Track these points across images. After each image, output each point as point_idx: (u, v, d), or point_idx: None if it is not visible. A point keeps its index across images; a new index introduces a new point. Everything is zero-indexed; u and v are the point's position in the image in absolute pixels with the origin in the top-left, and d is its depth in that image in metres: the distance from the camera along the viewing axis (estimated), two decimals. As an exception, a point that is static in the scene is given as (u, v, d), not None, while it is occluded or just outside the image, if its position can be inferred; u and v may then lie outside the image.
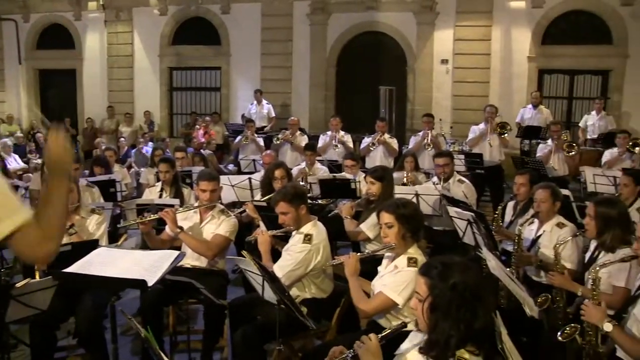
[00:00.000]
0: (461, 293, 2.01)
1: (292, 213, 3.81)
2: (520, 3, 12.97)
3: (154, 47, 15.35)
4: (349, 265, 3.37)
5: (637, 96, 12.33)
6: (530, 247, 4.37)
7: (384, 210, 3.32)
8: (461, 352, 1.98)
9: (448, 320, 2.00)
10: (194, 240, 4.25)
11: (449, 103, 13.41)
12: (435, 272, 2.09)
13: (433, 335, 2.05)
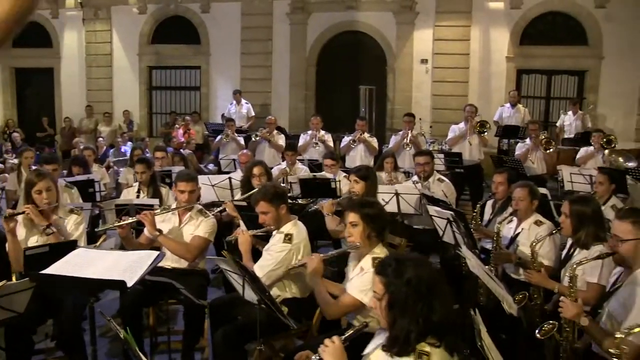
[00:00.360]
0: (416, 288, 2.05)
1: (273, 212, 3.81)
2: (498, 4, 13.11)
3: (133, 46, 15.20)
4: (312, 266, 3.37)
5: (611, 96, 12.59)
6: (508, 245, 4.42)
7: (349, 209, 3.33)
8: (422, 346, 2.02)
9: (406, 316, 2.04)
10: (173, 243, 4.23)
11: (428, 102, 13.51)
12: (389, 270, 2.12)
13: (393, 331, 2.08)
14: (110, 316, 2.65)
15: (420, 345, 2.02)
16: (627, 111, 12.56)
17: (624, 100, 12.53)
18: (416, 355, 2.00)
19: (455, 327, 2.13)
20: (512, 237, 4.44)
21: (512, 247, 4.40)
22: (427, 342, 2.03)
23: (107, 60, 15.40)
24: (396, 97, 13.65)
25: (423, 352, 2.00)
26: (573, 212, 3.68)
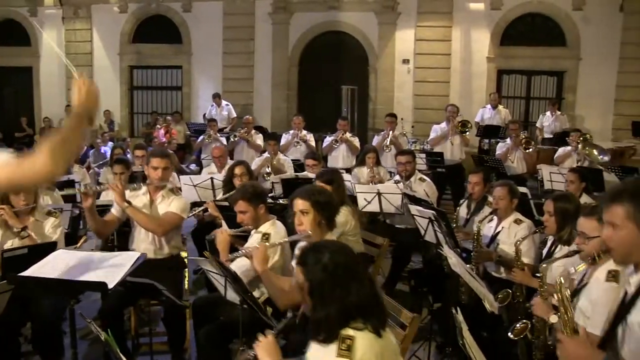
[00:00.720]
0: (332, 273, 2.10)
1: (251, 212, 3.79)
2: (479, 5, 13.24)
3: (114, 45, 15.07)
4: (258, 255, 3.30)
5: (589, 97, 12.81)
6: (489, 244, 4.48)
7: (299, 196, 3.30)
8: (346, 331, 2.04)
9: (325, 301, 2.08)
10: (143, 215, 4.12)
11: (410, 102, 13.58)
12: (307, 258, 2.18)
13: (314, 317, 2.12)
14: (90, 318, 2.63)
15: (345, 330, 2.04)
16: (604, 111, 12.77)
17: (601, 100, 12.74)
18: (340, 340, 2.02)
19: (379, 308, 2.16)
20: (492, 235, 4.50)
21: (492, 246, 4.45)
22: (351, 326, 2.05)
23: (88, 59, 15.23)
24: (378, 97, 13.71)
25: (347, 337, 2.02)
26: (557, 210, 3.73)
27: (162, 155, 4.32)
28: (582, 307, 2.93)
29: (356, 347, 2.01)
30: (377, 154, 7.39)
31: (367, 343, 2.04)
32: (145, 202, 4.29)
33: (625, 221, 2.04)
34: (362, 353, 2.01)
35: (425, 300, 5.20)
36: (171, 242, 4.28)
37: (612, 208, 2.08)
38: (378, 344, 2.07)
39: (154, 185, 4.26)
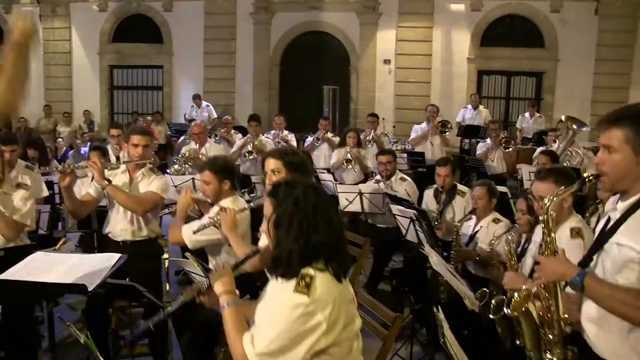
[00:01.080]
0: (302, 208, 2.06)
1: (214, 185, 3.73)
2: (460, 6, 13.36)
3: (94, 44, 14.90)
4: (227, 220, 3.23)
5: (567, 98, 13.05)
6: (468, 243, 4.53)
7: (271, 156, 3.26)
8: (306, 269, 2.02)
9: (290, 234, 2.04)
10: (122, 193, 4.02)
11: (391, 102, 13.65)
12: (279, 190, 2.14)
13: (276, 251, 2.08)
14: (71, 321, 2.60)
15: (305, 269, 2.02)
16: (582, 112, 12.90)
17: (578, 101, 12.95)
18: (299, 277, 2.00)
19: (343, 254, 2.14)
20: (471, 234, 4.55)
21: (471, 245, 4.50)
22: (313, 266, 2.03)
23: (66, 58, 15.05)
24: (359, 97, 13.76)
25: (307, 275, 2.00)
26: (530, 208, 3.79)
27: (143, 133, 4.21)
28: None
29: (315, 286, 1.98)
30: (358, 135, 7.41)
31: (326, 285, 2.02)
32: (125, 181, 4.17)
33: (623, 145, 2.02)
34: (320, 293, 1.98)
35: (407, 299, 5.24)
36: (149, 225, 4.18)
37: (611, 131, 2.05)
38: (337, 288, 2.05)
39: (133, 163, 4.14)
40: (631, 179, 2.05)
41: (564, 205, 2.93)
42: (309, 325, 1.97)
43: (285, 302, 1.99)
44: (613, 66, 12.88)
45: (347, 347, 2.10)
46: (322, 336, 1.99)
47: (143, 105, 15.15)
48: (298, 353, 1.98)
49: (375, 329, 3.10)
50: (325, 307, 1.98)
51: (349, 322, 2.08)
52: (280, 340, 1.97)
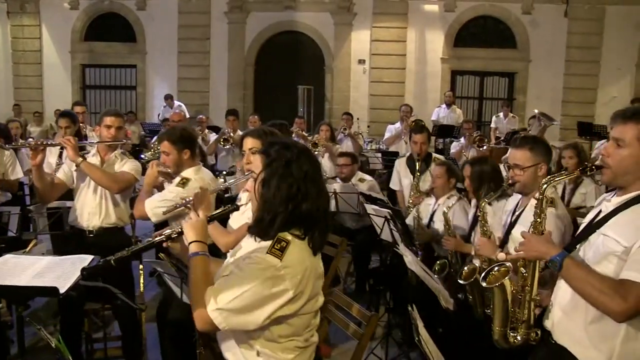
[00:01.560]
0: (294, 171, 2.00)
1: (174, 155, 3.65)
2: (433, 6, 13.50)
3: (65, 42, 14.67)
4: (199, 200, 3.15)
5: (538, 98, 13.34)
6: (429, 223, 4.55)
7: (250, 135, 3.18)
8: (284, 234, 1.98)
9: (277, 197, 1.99)
10: (97, 170, 3.90)
11: (366, 102, 13.73)
12: (272, 149, 2.07)
13: (261, 212, 2.03)
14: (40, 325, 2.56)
15: (283, 233, 1.98)
16: (552, 112, 13.10)
17: (549, 101, 13.22)
18: (275, 240, 1.96)
19: (324, 228, 2.09)
20: (430, 214, 4.58)
21: (431, 225, 4.53)
22: (291, 232, 1.99)
23: (37, 57, 14.79)
24: (334, 96, 13.80)
25: (283, 239, 1.95)
26: (473, 173, 3.87)
27: (116, 114, 4.09)
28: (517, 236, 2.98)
29: (289, 252, 1.94)
30: (332, 129, 7.40)
31: (300, 253, 1.98)
32: (96, 163, 4.05)
33: (634, 141, 2.04)
34: (292, 260, 1.94)
35: (382, 298, 5.27)
36: (117, 210, 4.07)
37: (626, 125, 2.06)
38: (309, 260, 2.01)
39: (105, 144, 4.02)
40: (633, 175, 2.08)
41: (538, 174, 2.97)
42: (275, 290, 1.92)
43: (257, 261, 1.94)
44: (582, 67, 13.21)
45: (306, 320, 2.07)
46: (286, 304, 1.94)
47: (116, 105, 14.91)
48: (259, 316, 1.93)
49: (351, 328, 3.12)
50: (295, 275, 1.94)
51: (313, 296, 2.05)
52: (243, 299, 1.91)
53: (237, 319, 1.94)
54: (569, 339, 2.16)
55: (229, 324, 1.94)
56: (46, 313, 4.89)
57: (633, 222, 2.01)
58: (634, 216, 2.02)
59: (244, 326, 1.97)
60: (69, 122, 5.41)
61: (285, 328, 2.01)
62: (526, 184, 2.97)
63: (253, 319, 1.94)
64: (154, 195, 3.64)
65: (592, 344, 2.08)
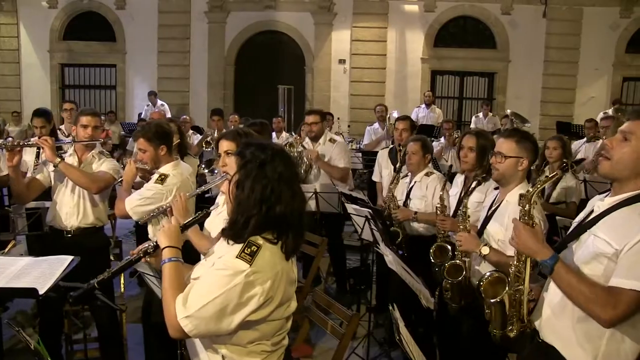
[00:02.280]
0: (268, 172, 1.98)
1: (150, 152, 3.64)
2: (413, 7, 13.58)
3: (43, 41, 14.47)
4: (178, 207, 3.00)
5: (517, 98, 13.53)
6: (405, 201, 4.49)
7: (224, 138, 3.14)
8: (255, 238, 1.96)
9: (251, 198, 1.97)
10: (76, 170, 3.86)
11: (346, 102, 13.77)
12: (247, 150, 2.05)
13: (234, 214, 2.01)
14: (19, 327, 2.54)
15: (254, 237, 1.96)
16: (532, 111, 13.39)
17: (528, 101, 13.40)
18: (245, 244, 1.93)
19: (298, 232, 2.06)
20: (407, 192, 4.52)
21: (408, 203, 4.47)
22: (264, 236, 1.97)
23: (14, 56, 14.56)
24: (315, 96, 13.82)
25: (253, 243, 1.93)
26: (479, 146, 3.76)
27: (92, 114, 4.01)
28: (492, 231, 3.01)
29: (259, 257, 1.92)
30: None
31: (271, 258, 1.95)
32: (74, 163, 3.98)
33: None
34: (262, 265, 1.91)
35: (363, 297, 5.31)
36: (96, 210, 4.02)
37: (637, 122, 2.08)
38: (281, 265, 1.98)
39: (82, 144, 3.96)
40: (630, 172, 2.09)
41: (517, 168, 3.01)
42: (245, 296, 1.90)
43: (225, 267, 1.92)
44: (561, 68, 13.40)
45: (276, 326, 2.04)
46: (256, 310, 1.92)
47: (96, 105, 14.77)
48: (229, 323, 1.91)
49: (332, 327, 3.14)
50: (265, 280, 1.92)
51: (284, 302, 2.02)
52: (213, 306, 1.88)
53: (207, 326, 1.91)
54: (557, 337, 2.18)
55: (199, 331, 1.92)
56: (25, 315, 4.84)
57: (623, 225, 2.01)
58: (624, 218, 2.03)
59: (215, 333, 1.95)
60: (44, 121, 5.29)
61: (252, 333, 2.00)
62: (504, 173, 3.00)
63: (224, 326, 1.92)
64: (133, 194, 3.62)
65: (579, 343, 2.11)
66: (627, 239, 1.96)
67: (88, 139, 3.96)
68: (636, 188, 2.09)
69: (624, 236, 1.98)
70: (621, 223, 2.02)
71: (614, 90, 13.65)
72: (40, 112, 5.52)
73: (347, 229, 6.21)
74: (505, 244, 2.84)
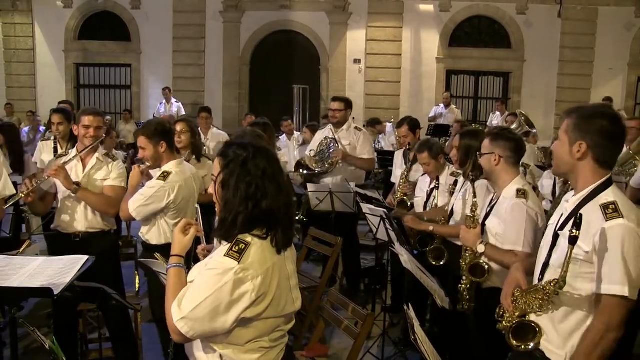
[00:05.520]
0: (251, 169, 2.00)
1: (150, 149, 3.64)
2: (428, 6, 13.51)
3: (59, 41, 14.59)
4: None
5: (533, 97, 13.42)
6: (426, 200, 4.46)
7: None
8: (244, 236, 1.97)
9: (237, 197, 1.99)
10: (94, 196, 3.82)
11: (361, 102, 13.71)
12: (229, 150, 2.07)
13: (222, 213, 2.03)
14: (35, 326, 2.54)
15: (243, 235, 1.97)
16: (547, 111, 13.29)
17: (543, 101, 13.28)
18: (234, 243, 1.95)
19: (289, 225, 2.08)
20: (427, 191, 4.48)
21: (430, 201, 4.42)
22: (253, 233, 1.99)
23: (29, 55, 14.70)
24: (330, 96, 13.76)
25: (242, 241, 1.95)
26: (461, 145, 3.75)
27: (94, 113, 3.91)
28: (490, 226, 3.04)
29: (248, 254, 1.93)
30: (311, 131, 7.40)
31: (261, 254, 1.96)
32: (78, 169, 3.92)
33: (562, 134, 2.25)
34: (252, 261, 1.92)
35: (378, 297, 5.27)
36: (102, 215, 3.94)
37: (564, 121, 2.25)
38: (272, 260, 1.99)
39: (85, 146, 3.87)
40: (568, 167, 2.22)
41: (493, 164, 3.01)
42: (236, 294, 1.90)
43: (215, 266, 1.93)
44: (576, 67, 13.28)
45: (273, 324, 2.04)
46: (250, 306, 1.92)
47: (111, 105, 14.91)
48: (225, 321, 1.92)
49: (347, 327, 3.12)
50: (256, 276, 1.92)
51: (280, 299, 2.02)
52: (206, 306, 1.90)
53: (203, 326, 1.92)
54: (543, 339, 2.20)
55: (196, 332, 1.93)
56: (40, 314, 4.87)
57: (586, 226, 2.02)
58: (586, 218, 2.03)
59: (212, 333, 1.96)
60: (62, 118, 5.22)
61: (249, 332, 2.00)
62: (485, 170, 3.07)
63: (220, 325, 1.92)
64: (136, 195, 3.61)
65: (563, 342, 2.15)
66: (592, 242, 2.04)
67: (91, 139, 3.86)
68: (593, 182, 2.15)
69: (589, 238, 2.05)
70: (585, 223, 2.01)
71: (630, 90, 13.52)
72: (59, 109, 5.53)
73: (362, 228, 6.17)
74: (502, 237, 2.92)
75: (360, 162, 5.67)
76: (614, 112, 2.24)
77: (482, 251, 2.94)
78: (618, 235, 2.00)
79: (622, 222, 2.02)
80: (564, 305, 2.14)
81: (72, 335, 3.89)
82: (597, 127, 2.13)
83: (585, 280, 2.08)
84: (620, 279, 1.99)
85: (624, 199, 2.14)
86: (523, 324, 2.23)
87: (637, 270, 2.01)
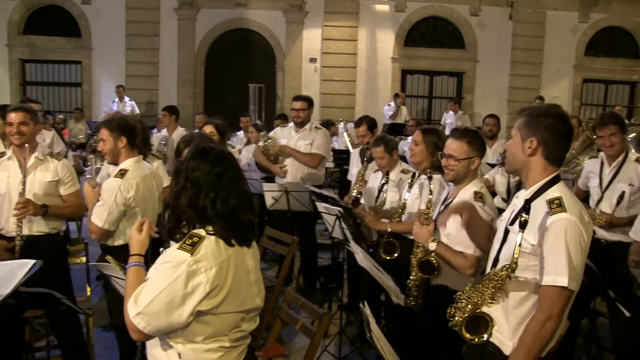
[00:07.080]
0: (208, 172, 2.04)
1: (110, 142, 3.53)
2: (384, 6, 13.65)
3: (1, 35, 13.98)
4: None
5: (485, 97, 13.78)
6: (377, 196, 4.48)
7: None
8: (198, 230, 2.01)
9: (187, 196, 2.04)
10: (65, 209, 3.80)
11: (317, 101, 13.71)
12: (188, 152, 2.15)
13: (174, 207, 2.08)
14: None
15: (197, 230, 2.01)
16: (499, 110, 13.49)
17: (496, 100, 13.61)
18: (187, 236, 1.99)
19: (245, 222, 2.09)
20: (379, 187, 4.50)
21: (380, 197, 4.44)
22: (206, 228, 2.02)
23: (-31, 50, 14.10)
24: (285, 95, 13.76)
25: (195, 235, 1.98)
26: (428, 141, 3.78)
27: (19, 109, 3.74)
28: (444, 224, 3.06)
29: (201, 246, 1.95)
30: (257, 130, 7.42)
31: (215, 247, 1.98)
32: (14, 169, 3.74)
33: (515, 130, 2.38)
34: (204, 253, 1.94)
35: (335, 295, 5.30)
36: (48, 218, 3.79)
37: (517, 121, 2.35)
38: (226, 253, 2.00)
39: (18, 147, 3.70)
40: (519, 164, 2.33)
41: (470, 167, 3.05)
42: (190, 285, 1.91)
43: (168, 260, 1.94)
44: (526, 68, 13.71)
45: (231, 320, 2.05)
46: (204, 298, 1.93)
47: (60, 103, 14.45)
48: (180, 315, 1.92)
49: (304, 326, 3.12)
50: (209, 268, 1.93)
51: (238, 292, 2.03)
52: (161, 300, 1.89)
53: (159, 320, 1.92)
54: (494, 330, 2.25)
55: (153, 327, 1.93)
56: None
57: (533, 220, 2.12)
58: (534, 213, 2.13)
59: (168, 327, 1.95)
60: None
61: (206, 328, 2.00)
62: (459, 174, 3.06)
63: (175, 319, 1.92)
64: (95, 208, 3.46)
65: (512, 333, 2.22)
66: (538, 236, 2.12)
67: (16, 138, 3.69)
68: (541, 178, 2.25)
69: (535, 232, 2.13)
70: (532, 218, 2.12)
71: (575, 91, 14.04)
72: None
73: (319, 227, 6.18)
74: (454, 238, 2.96)
75: (302, 156, 5.64)
76: (562, 112, 2.34)
77: (433, 249, 2.98)
78: (561, 228, 2.09)
79: (565, 215, 2.11)
80: (515, 291, 2.21)
81: (17, 344, 3.73)
82: (545, 125, 2.23)
83: (533, 272, 2.16)
84: (561, 270, 2.08)
85: (569, 194, 2.22)
86: (475, 317, 2.27)
87: (578, 261, 2.10)
